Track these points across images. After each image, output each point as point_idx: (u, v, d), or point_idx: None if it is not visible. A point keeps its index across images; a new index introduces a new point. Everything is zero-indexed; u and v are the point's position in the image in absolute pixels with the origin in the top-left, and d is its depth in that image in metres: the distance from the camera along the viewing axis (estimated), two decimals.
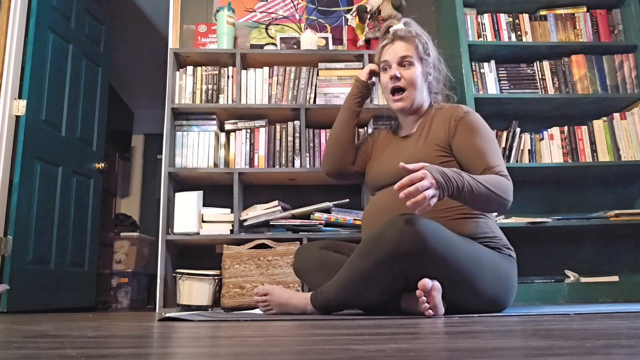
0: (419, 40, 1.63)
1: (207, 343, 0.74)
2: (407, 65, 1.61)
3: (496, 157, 1.48)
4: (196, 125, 2.52)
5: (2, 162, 2.42)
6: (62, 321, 1.42)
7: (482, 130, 1.53)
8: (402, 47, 1.62)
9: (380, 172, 1.63)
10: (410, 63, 1.61)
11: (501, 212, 1.46)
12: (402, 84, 1.61)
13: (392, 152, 1.66)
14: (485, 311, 1.40)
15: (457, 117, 1.56)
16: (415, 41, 1.63)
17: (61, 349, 0.65)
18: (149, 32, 4.15)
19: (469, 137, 1.51)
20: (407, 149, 1.61)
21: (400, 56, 1.61)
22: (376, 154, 1.75)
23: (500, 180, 1.41)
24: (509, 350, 0.57)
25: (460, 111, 1.57)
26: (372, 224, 1.52)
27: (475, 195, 1.32)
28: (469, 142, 1.49)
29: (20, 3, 2.57)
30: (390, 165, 1.59)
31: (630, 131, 2.51)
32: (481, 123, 1.56)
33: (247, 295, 2.19)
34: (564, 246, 2.64)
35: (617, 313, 1.30)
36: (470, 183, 1.31)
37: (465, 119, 1.54)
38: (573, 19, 2.70)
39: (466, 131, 1.52)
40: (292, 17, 2.92)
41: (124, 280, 3.92)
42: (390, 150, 1.68)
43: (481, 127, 1.54)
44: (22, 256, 2.41)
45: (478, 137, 1.51)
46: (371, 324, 1.05)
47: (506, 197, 1.40)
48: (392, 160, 1.59)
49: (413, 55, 1.61)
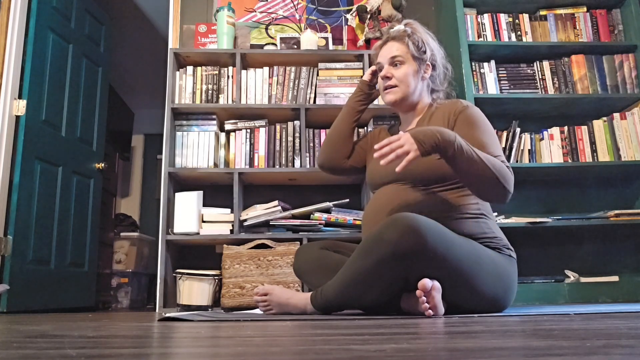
0: (412, 40, 1.63)
1: (207, 343, 0.74)
2: (398, 65, 1.63)
3: (496, 149, 1.48)
4: (196, 125, 2.52)
5: (2, 162, 2.42)
6: (62, 321, 1.42)
7: (481, 123, 1.53)
8: (393, 47, 1.64)
9: (378, 170, 1.62)
10: (401, 62, 1.63)
11: (501, 200, 1.41)
12: (393, 82, 1.63)
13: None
14: (485, 311, 1.40)
15: (456, 111, 1.56)
16: (405, 40, 1.63)
17: (61, 349, 0.65)
18: (149, 32, 4.15)
19: (468, 131, 1.50)
20: None
21: (391, 56, 1.63)
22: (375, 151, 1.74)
23: (500, 163, 1.40)
24: (509, 350, 0.57)
25: (460, 105, 1.58)
26: (372, 222, 1.52)
27: (467, 160, 1.34)
28: (469, 135, 1.49)
29: (20, 3, 2.57)
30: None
31: (630, 131, 2.51)
32: (480, 116, 1.56)
33: (247, 295, 2.19)
34: (564, 246, 2.64)
35: (617, 313, 1.30)
36: (462, 145, 1.33)
37: (465, 113, 1.54)
38: (573, 19, 2.70)
39: (465, 125, 1.52)
40: (292, 17, 2.92)
41: (124, 280, 3.92)
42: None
43: (480, 121, 1.54)
44: (22, 256, 2.41)
45: (477, 130, 1.50)
46: (371, 324, 1.05)
47: (505, 183, 1.38)
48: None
49: (404, 54, 1.62)
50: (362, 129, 2.58)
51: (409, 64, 1.63)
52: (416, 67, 1.64)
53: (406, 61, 1.63)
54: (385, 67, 1.65)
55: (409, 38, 1.63)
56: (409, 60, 1.63)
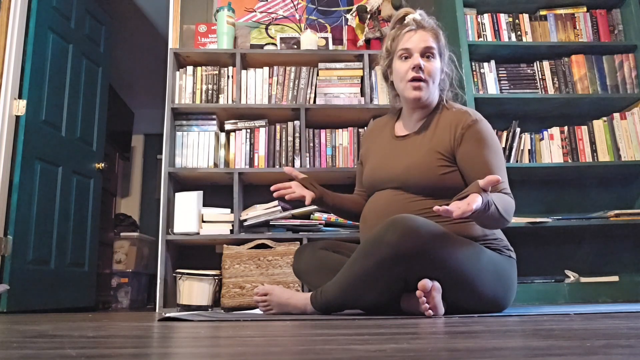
0: (441, 35, 1.57)
1: (207, 343, 0.74)
2: (430, 58, 1.53)
3: (502, 173, 1.44)
4: (196, 125, 2.52)
5: (2, 162, 2.41)
6: (62, 321, 1.42)
7: (489, 141, 1.47)
8: (426, 37, 1.53)
9: (378, 175, 1.58)
10: (433, 55, 1.53)
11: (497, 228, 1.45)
12: (425, 76, 1.51)
13: (390, 153, 1.60)
14: (485, 311, 1.40)
15: (464, 125, 1.48)
16: (439, 34, 1.56)
17: (61, 349, 0.65)
18: (149, 32, 4.15)
19: (475, 148, 1.45)
20: (407, 151, 1.55)
21: (425, 46, 1.52)
22: (373, 155, 1.67)
23: (509, 202, 1.38)
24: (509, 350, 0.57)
25: (468, 118, 1.49)
26: (371, 224, 1.51)
27: (490, 218, 1.30)
28: (475, 153, 1.44)
29: (20, 3, 2.57)
30: (388, 166, 1.55)
31: (630, 131, 2.51)
32: (489, 133, 1.49)
33: (247, 295, 2.19)
34: (564, 246, 2.64)
35: (617, 313, 1.30)
36: (492, 207, 1.26)
37: (473, 128, 1.47)
38: (573, 19, 2.70)
39: (473, 142, 1.46)
40: (292, 17, 2.92)
41: (124, 280, 3.92)
42: (389, 150, 1.61)
43: (489, 138, 1.47)
44: (22, 256, 2.41)
45: (485, 149, 1.45)
46: (371, 324, 1.05)
47: (508, 219, 1.37)
48: (390, 162, 1.56)
49: (436, 47, 1.55)
50: (362, 129, 2.58)
51: (438, 60, 1.55)
52: (441, 65, 1.57)
53: (436, 56, 1.55)
54: (416, 55, 1.52)
55: (440, 32, 1.57)
56: (437, 55, 1.56)
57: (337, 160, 2.53)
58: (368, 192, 1.64)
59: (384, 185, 1.55)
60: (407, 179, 1.49)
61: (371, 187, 1.61)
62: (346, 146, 2.55)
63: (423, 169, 1.47)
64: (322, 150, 2.54)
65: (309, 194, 1.60)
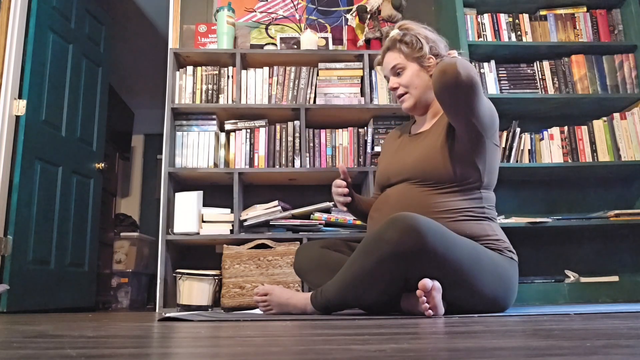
0: (404, 42, 1.63)
1: (207, 343, 0.74)
2: (400, 72, 1.65)
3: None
4: (196, 125, 2.52)
5: (2, 162, 2.41)
6: (62, 321, 1.42)
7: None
8: (390, 57, 1.66)
9: (389, 170, 1.61)
10: (402, 68, 1.64)
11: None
12: (401, 90, 1.65)
13: (401, 150, 1.65)
14: (485, 311, 1.40)
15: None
16: (398, 46, 1.63)
17: (61, 349, 0.65)
18: (149, 32, 4.15)
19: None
20: (419, 145, 1.58)
21: (391, 67, 1.66)
22: (387, 155, 1.73)
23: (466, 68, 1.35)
24: (509, 350, 0.57)
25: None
26: (380, 220, 1.51)
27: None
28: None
29: (20, 3, 2.57)
30: (399, 161, 1.59)
31: (630, 131, 2.51)
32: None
33: (247, 295, 2.19)
34: (564, 246, 2.64)
35: (617, 313, 1.30)
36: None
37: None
38: (573, 19, 2.70)
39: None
40: (292, 17, 2.92)
41: (124, 280, 3.92)
42: (401, 147, 1.67)
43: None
44: (22, 256, 2.41)
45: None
46: (371, 324, 1.05)
47: (467, 75, 1.33)
48: (401, 157, 1.59)
49: (401, 60, 1.63)
50: (362, 129, 2.58)
51: (409, 67, 1.63)
52: (418, 66, 1.62)
53: (406, 66, 1.63)
54: (391, 79, 1.68)
55: (400, 42, 1.63)
56: (408, 63, 1.63)
57: (337, 160, 2.53)
58: (379, 190, 1.70)
59: (394, 179, 1.57)
60: (414, 169, 1.52)
61: (382, 184, 1.66)
62: (346, 146, 2.55)
63: (430, 156, 1.51)
64: (322, 150, 2.54)
65: (349, 200, 1.70)
